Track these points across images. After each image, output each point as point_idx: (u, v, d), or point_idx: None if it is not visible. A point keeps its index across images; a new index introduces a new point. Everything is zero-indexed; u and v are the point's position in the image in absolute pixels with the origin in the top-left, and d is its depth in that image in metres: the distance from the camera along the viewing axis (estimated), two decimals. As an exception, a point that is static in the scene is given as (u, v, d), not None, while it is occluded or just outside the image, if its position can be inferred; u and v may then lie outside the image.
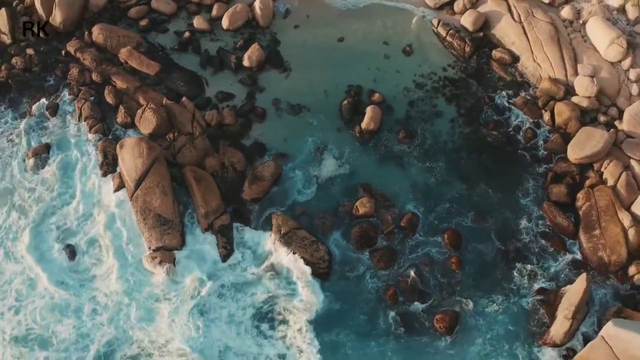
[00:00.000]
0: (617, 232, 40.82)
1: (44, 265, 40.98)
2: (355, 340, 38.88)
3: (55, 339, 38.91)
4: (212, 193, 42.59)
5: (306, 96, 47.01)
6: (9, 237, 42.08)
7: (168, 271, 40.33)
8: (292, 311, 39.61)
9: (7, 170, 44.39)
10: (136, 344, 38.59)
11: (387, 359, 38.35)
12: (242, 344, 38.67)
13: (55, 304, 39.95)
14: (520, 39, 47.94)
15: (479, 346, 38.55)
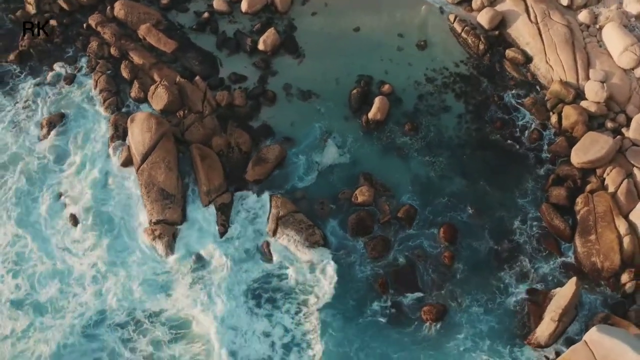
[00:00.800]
0: (612, 238, 40.47)
1: (47, 231, 41.82)
2: (340, 322, 39.11)
3: (51, 305, 39.64)
4: (215, 171, 43.21)
5: (317, 83, 47.26)
6: (15, 201, 42.94)
7: (166, 245, 41.10)
8: (283, 291, 39.98)
9: (20, 136, 45.32)
10: (127, 313, 39.19)
11: (369, 343, 38.47)
12: (235, 318, 39.14)
13: (55, 270, 40.76)
14: (534, 40, 47.60)
15: (461, 340, 38.60)
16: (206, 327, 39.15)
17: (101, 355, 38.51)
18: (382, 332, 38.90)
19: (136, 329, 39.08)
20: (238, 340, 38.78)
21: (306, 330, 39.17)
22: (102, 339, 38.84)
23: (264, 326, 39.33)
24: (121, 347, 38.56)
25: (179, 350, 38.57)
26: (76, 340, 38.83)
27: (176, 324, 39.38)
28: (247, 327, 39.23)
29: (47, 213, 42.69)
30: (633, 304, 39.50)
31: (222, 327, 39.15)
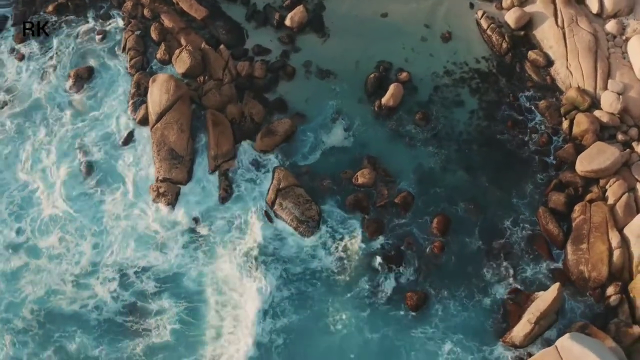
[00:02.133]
0: (603, 250, 39.89)
1: (57, 180, 43.32)
2: (323, 294, 39.93)
3: (48, 251, 41.30)
4: (225, 138, 44.08)
5: (337, 63, 47.37)
6: (31, 148, 44.55)
7: (168, 203, 42.27)
8: (274, 258, 40.97)
9: (46, 85, 46.85)
10: (120, 266, 40.72)
11: (345, 317, 39.18)
12: (226, 277, 40.42)
13: (58, 218, 42.32)
14: (558, 44, 46.71)
15: (433, 329, 38.86)
16: (196, 286, 40.35)
17: (88, 303, 39.93)
18: (359, 307, 39.48)
19: (126, 282, 40.38)
20: (224, 299, 40.06)
21: (289, 294, 40.03)
22: (92, 289, 40.23)
23: (255, 287, 40.25)
24: (109, 298, 39.91)
25: (165, 305, 39.72)
26: (67, 287, 40.42)
27: (166, 280, 40.51)
28: (238, 287, 40.24)
29: (60, 162, 44.05)
30: (615, 317, 38.93)
31: (212, 285, 40.43)
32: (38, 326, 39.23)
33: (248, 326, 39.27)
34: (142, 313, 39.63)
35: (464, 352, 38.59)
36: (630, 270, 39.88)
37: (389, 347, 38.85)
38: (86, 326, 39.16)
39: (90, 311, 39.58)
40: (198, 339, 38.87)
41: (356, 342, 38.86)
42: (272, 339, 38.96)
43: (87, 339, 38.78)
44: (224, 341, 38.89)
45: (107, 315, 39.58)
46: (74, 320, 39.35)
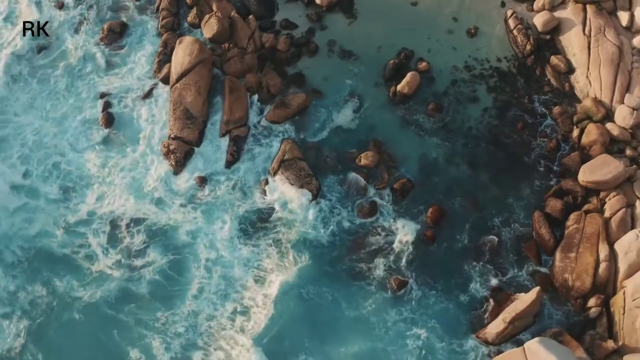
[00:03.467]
0: (590, 261, 39.28)
1: (74, 127, 44.97)
2: (308, 265, 40.66)
3: (49, 196, 42.86)
4: (240, 105, 44.83)
5: (360, 46, 47.45)
6: (54, 95, 46.14)
7: (176, 160, 43.30)
8: (269, 225, 41.87)
9: (80, 35, 48.40)
10: (117, 217, 42.08)
11: (326, 289, 39.93)
12: (218, 240, 41.36)
13: (67, 164, 43.93)
14: (581, 53, 45.63)
15: (412, 313, 39.21)
16: (189, 240, 41.49)
17: (79, 251, 41.39)
18: (341, 282, 40.18)
19: (119, 233, 41.73)
20: (216, 258, 41.06)
21: (278, 262, 40.87)
22: (85, 237, 41.71)
23: (245, 253, 41.22)
24: (99, 249, 41.35)
25: (152, 257, 41.00)
26: (59, 232, 41.93)
27: (159, 233, 41.82)
28: (231, 249, 41.22)
29: (79, 111, 45.59)
30: (592, 329, 38.43)
31: (204, 244, 41.41)
32: (28, 262, 40.92)
33: (236, 288, 40.46)
34: (130, 263, 40.87)
35: (434, 339, 38.88)
36: (615, 285, 39.28)
37: (362, 322, 39.38)
38: (75, 271, 40.66)
39: (81, 258, 40.99)
40: (177, 293, 40.04)
41: (331, 314, 39.59)
42: (254, 301, 39.87)
43: (75, 281, 40.29)
44: (204, 299, 39.93)
45: (96, 264, 40.94)
46: (64, 264, 40.89)
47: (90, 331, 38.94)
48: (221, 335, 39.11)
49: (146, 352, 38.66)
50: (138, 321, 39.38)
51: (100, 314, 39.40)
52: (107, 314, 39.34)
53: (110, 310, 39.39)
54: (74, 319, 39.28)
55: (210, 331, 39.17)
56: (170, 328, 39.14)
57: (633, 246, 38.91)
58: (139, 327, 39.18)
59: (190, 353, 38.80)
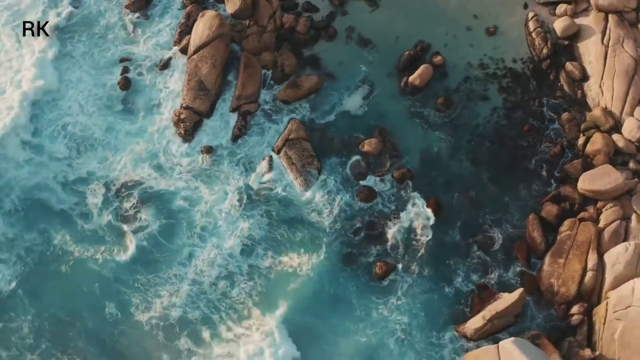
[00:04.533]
0: (577, 269, 38.84)
1: (90, 87, 46.06)
2: (298, 243, 41.22)
3: (52, 152, 43.98)
4: (253, 81, 45.21)
5: (378, 34, 47.27)
6: (78, 55, 47.31)
7: (185, 129, 43.99)
8: (266, 201, 42.36)
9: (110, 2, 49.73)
10: (117, 181, 43.02)
11: (312, 268, 40.35)
12: (217, 209, 42.25)
13: (75, 123, 44.87)
14: (597, 61, 44.74)
15: (395, 300, 39.46)
16: (185, 208, 42.27)
17: (74, 209, 42.39)
18: (329, 262, 40.59)
19: (117, 196, 42.64)
20: (211, 226, 41.82)
21: (268, 235, 41.42)
22: (83, 196, 42.72)
23: (239, 224, 41.74)
24: (95, 208, 42.29)
25: (149, 220, 41.88)
26: (59, 187, 42.99)
27: (156, 198, 42.65)
28: (222, 222, 41.87)
29: (98, 73, 46.56)
30: (572, 336, 38.11)
31: (201, 211, 42.14)
32: (24, 212, 42.17)
33: (224, 256, 41.02)
34: (123, 225, 41.82)
35: (414, 328, 39.04)
36: (599, 295, 38.75)
37: (345, 302, 39.74)
38: (69, 226, 41.76)
39: (76, 215, 42.02)
40: (165, 257, 40.96)
41: (314, 290, 40.03)
42: (240, 270, 40.58)
43: (68, 236, 41.41)
44: (192, 265, 40.69)
45: (90, 222, 41.95)
46: (60, 218, 42.05)
47: (74, 284, 40.16)
48: (200, 299, 39.94)
49: (123, 309, 39.68)
50: (121, 280, 40.41)
51: (86, 269, 40.57)
52: (93, 270, 40.49)
53: (96, 267, 40.47)
54: (61, 271, 40.52)
55: (192, 295, 39.95)
56: (152, 289, 40.02)
57: (621, 258, 38.38)
58: (119, 284, 40.28)
59: (169, 313, 39.58)
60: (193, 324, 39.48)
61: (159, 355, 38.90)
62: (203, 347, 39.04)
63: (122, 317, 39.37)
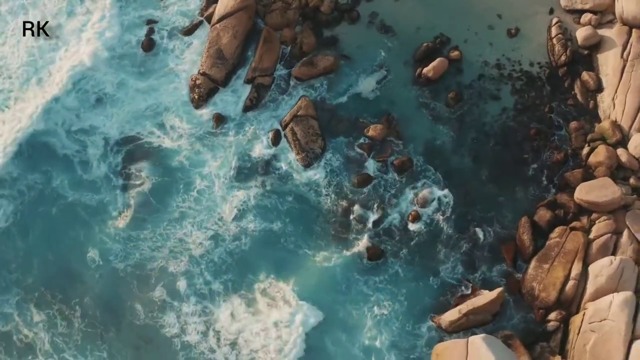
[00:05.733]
0: (560, 276, 38.51)
1: (115, 45, 46.71)
2: (291, 216, 41.78)
3: (64, 99, 44.95)
4: (270, 56, 45.40)
5: (400, 23, 46.72)
6: (99, 19, 47.69)
7: (199, 95, 44.58)
8: (265, 172, 42.88)
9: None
10: (118, 132, 44.24)
11: (302, 240, 41.14)
12: (216, 172, 43.04)
13: (92, 75, 45.71)
14: (614, 74, 43.63)
15: (380, 282, 39.90)
16: (186, 169, 43.14)
17: (75, 156, 43.45)
18: (321, 238, 41.27)
19: (118, 150, 43.63)
20: (207, 189, 42.58)
21: (263, 205, 42.14)
22: (85, 146, 43.76)
23: (235, 192, 42.51)
24: (94, 160, 43.31)
25: (147, 177, 42.84)
26: (64, 134, 44.03)
27: (159, 157, 43.55)
28: (218, 188, 42.50)
29: (124, 31, 47.16)
30: (545, 341, 37.99)
31: (199, 174, 42.91)
32: (30, 154, 43.55)
33: (215, 220, 41.80)
34: (120, 179, 42.97)
35: (392, 311, 39.45)
36: (579, 305, 38.35)
37: (330, 276, 40.32)
38: (69, 172, 43.09)
39: (77, 163, 43.27)
40: (155, 215, 42.02)
41: (299, 262, 40.70)
42: (228, 233, 41.42)
43: (66, 182, 42.81)
44: (181, 224, 41.53)
45: (88, 172, 43.13)
46: (63, 163, 43.33)
47: (63, 227, 41.78)
48: (183, 255, 40.99)
49: (104, 257, 40.96)
50: (105, 231, 41.66)
51: (76, 215, 42.14)
52: (82, 216, 41.91)
53: (85, 215, 41.79)
54: (53, 213, 42.14)
55: (175, 251, 40.96)
56: (133, 243, 41.23)
57: (604, 271, 37.83)
58: (103, 234, 41.59)
59: (147, 264, 40.84)
60: (171, 276, 40.55)
61: (132, 302, 40.05)
62: (178, 299, 40.10)
63: (102, 264, 40.78)
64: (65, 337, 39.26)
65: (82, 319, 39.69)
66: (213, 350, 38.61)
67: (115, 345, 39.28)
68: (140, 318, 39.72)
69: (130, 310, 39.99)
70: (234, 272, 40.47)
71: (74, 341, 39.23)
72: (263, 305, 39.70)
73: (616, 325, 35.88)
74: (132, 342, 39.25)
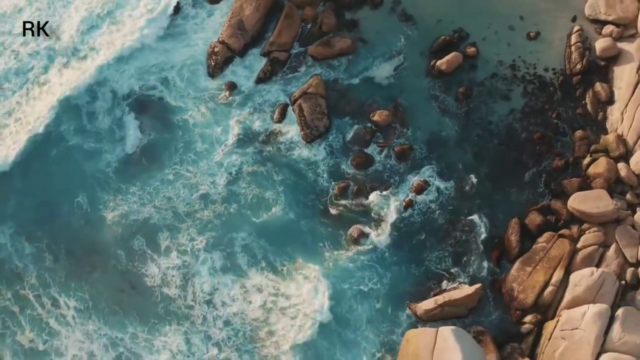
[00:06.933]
0: (540, 280, 38.05)
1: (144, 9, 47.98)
2: (286, 184, 42.09)
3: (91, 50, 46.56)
4: (289, 32, 45.61)
5: (422, 13, 46.53)
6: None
7: (216, 62, 45.13)
8: (267, 147, 43.20)
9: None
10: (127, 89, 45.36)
11: (296, 212, 41.39)
12: (217, 142, 43.62)
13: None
14: (627, 89, 42.49)
15: (365, 261, 39.93)
16: (186, 128, 43.82)
17: (85, 106, 44.47)
18: (309, 212, 41.33)
19: (126, 104, 44.60)
20: (203, 150, 43.28)
21: (256, 171, 42.55)
22: (97, 97, 44.81)
23: (233, 158, 42.88)
24: (102, 113, 44.38)
25: (146, 133, 43.75)
26: (83, 89, 45.02)
27: (163, 111, 44.54)
28: (217, 151, 43.14)
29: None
30: (517, 342, 37.54)
31: (200, 135, 43.65)
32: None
33: (207, 182, 42.39)
34: (116, 132, 43.90)
35: (372, 291, 39.35)
36: (555, 311, 37.86)
37: (314, 249, 40.51)
38: (77, 121, 44.25)
39: (85, 113, 44.43)
40: (148, 170, 42.78)
41: (284, 229, 41.01)
42: (218, 194, 42.03)
43: (73, 128, 43.97)
44: (173, 183, 42.26)
45: (93, 122, 44.19)
46: (73, 112, 44.48)
47: (58, 170, 43.01)
48: (168, 211, 41.66)
49: (92, 204, 41.92)
50: (97, 177, 42.65)
51: (72, 160, 43.42)
52: (78, 162, 43.16)
53: (82, 161, 43.02)
54: (52, 155, 43.42)
55: (160, 207, 41.65)
56: (122, 196, 42.16)
57: (583, 281, 37.16)
58: (95, 181, 42.59)
59: (132, 216, 41.56)
60: (155, 230, 41.24)
61: (115, 249, 40.84)
62: (158, 252, 40.78)
63: (90, 210, 41.76)
64: (51, 272, 40.42)
65: (68, 258, 40.80)
66: (191, 306, 39.23)
67: (99, 287, 40.20)
68: (123, 265, 40.63)
69: (114, 256, 40.81)
70: (217, 231, 40.92)
71: (59, 277, 40.36)
72: (244, 264, 40.28)
73: (586, 335, 35.34)
74: (117, 285, 40.11)
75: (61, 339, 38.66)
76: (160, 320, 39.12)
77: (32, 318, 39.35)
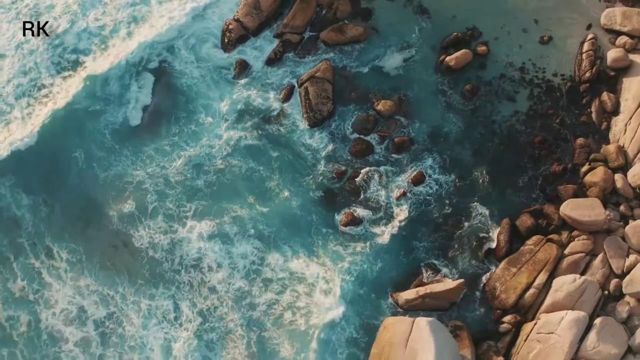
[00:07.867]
0: (522, 282, 37.69)
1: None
2: (285, 164, 42.25)
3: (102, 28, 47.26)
4: (304, 15, 45.60)
5: (437, 8, 46.29)
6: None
7: (229, 39, 45.32)
8: (268, 125, 43.36)
9: None
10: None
11: (291, 193, 41.48)
12: (219, 115, 44.01)
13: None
14: (634, 101, 41.66)
15: (358, 246, 39.88)
16: (191, 97, 44.44)
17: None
18: (307, 191, 41.45)
19: (138, 71, 45.25)
20: (207, 123, 43.63)
21: (254, 144, 42.81)
22: (115, 68, 45.40)
23: (232, 133, 43.19)
24: (113, 79, 44.91)
25: (151, 99, 44.46)
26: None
27: (169, 77, 45.14)
28: (219, 123, 43.52)
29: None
30: (494, 341, 37.27)
31: (203, 108, 44.10)
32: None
33: (204, 155, 42.77)
34: (124, 97, 44.64)
35: (360, 275, 39.12)
36: (535, 314, 37.55)
37: (303, 225, 40.64)
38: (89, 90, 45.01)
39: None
40: (151, 141, 43.35)
41: (277, 202, 41.32)
42: (212, 165, 42.38)
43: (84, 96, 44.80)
44: (174, 147, 42.79)
45: (104, 90, 44.70)
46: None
47: (61, 127, 43.37)
48: (159, 179, 42.09)
49: (88, 162, 42.49)
50: (96, 138, 43.27)
51: (76, 119, 43.77)
52: (81, 121, 43.65)
53: (85, 121, 43.67)
54: (61, 115, 43.93)
55: (152, 175, 42.09)
56: (118, 159, 42.73)
57: (565, 287, 36.73)
58: (92, 140, 43.21)
59: (125, 178, 42.31)
60: (146, 194, 41.71)
61: (106, 209, 41.42)
62: (149, 217, 41.11)
63: (85, 168, 42.36)
64: (46, 223, 41.03)
65: (63, 212, 41.38)
66: (178, 270, 39.73)
67: (91, 243, 40.69)
68: (114, 224, 41.03)
69: (106, 216, 41.30)
70: (206, 200, 41.32)
71: (53, 228, 40.99)
72: (231, 233, 40.60)
73: (561, 341, 34.99)
74: (110, 242, 40.64)
75: (52, 291, 39.16)
76: (147, 282, 39.70)
77: (25, 267, 40.03)
